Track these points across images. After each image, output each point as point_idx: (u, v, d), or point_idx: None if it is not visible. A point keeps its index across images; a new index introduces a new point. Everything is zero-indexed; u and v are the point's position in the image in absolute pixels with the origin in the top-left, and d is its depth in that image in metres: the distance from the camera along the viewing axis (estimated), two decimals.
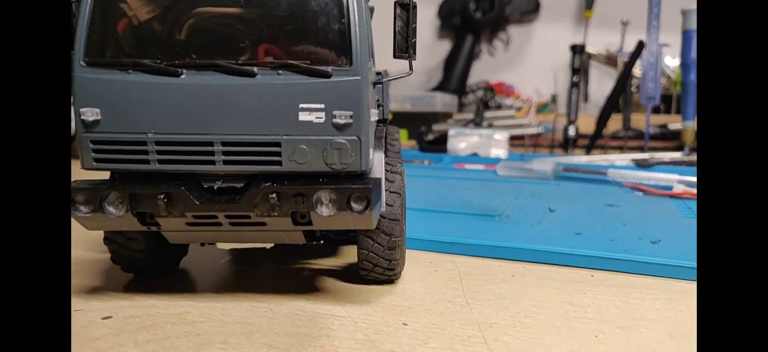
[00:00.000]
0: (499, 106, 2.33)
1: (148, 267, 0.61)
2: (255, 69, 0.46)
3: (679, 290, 0.60)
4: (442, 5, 2.49)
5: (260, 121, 0.47)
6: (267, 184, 0.47)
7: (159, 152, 0.47)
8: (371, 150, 0.50)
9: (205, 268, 0.67)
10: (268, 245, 0.73)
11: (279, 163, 0.48)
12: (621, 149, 1.64)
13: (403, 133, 2.05)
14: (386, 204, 0.57)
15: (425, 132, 1.84)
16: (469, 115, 1.97)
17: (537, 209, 0.97)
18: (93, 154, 0.48)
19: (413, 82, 2.38)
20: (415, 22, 0.55)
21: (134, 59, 0.46)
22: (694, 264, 0.63)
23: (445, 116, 2.05)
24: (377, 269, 0.59)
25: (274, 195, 0.47)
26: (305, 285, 0.60)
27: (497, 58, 2.58)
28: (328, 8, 0.47)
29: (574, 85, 1.68)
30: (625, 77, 1.48)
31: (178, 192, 0.47)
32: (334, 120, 0.47)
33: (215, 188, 0.49)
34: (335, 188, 0.47)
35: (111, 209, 0.47)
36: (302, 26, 0.48)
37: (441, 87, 2.41)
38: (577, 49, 1.65)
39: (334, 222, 0.49)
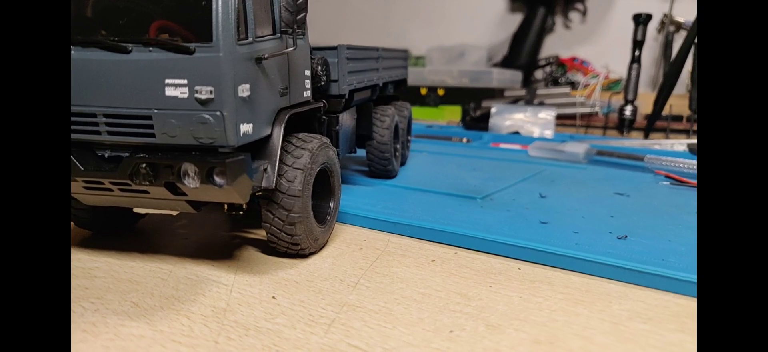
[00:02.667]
0: (571, 83, 2.17)
1: (95, 225, 0.68)
2: (129, 46, 0.49)
3: (594, 291, 0.54)
4: None
5: (134, 94, 0.50)
6: (141, 154, 0.50)
7: None
8: (243, 124, 0.51)
9: (155, 232, 0.72)
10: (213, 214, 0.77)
11: (153, 135, 0.50)
12: (687, 133, 1.45)
13: (456, 110, 2.00)
14: (287, 180, 0.58)
15: (473, 109, 1.77)
16: (521, 92, 1.86)
17: (530, 194, 0.91)
18: None
19: (476, 58, 2.30)
20: None
21: None
22: (628, 265, 0.56)
23: (501, 93, 1.95)
24: (282, 243, 0.60)
25: (145, 165, 0.50)
26: (221, 253, 0.63)
27: (573, 31, 2.39)
28: None
29: (635, 60, 1.50)
30: (686, 48, 1.28)
31: None
32: (197, 95, 0.48)
33: (105, 156, 0.53)
34: (197, 161, 0.49)
35: None
36: (177, 8, 0.49)
37: (506, 63, 2.30)
38: (641, 19, 1.48)
39: (203, 194, 0.51)
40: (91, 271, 0.57)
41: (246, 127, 0.52)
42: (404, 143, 1.12)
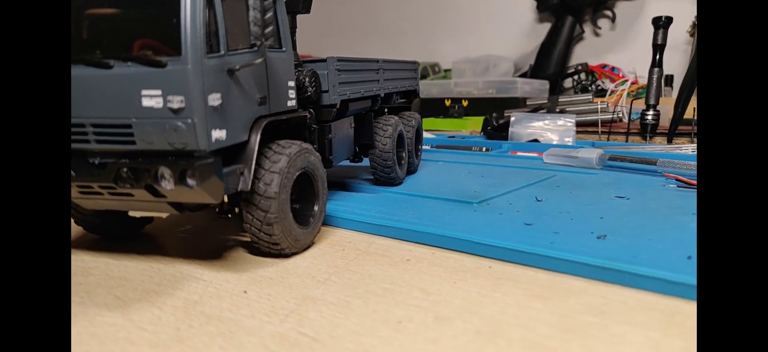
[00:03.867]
0: (602, 91, 2.13)
1: (103, 230, 0.74)
2: (111, 62, 0.54)
3: (556, 287, 0.54)
4: None
5: (116, 105, 0.55)
6: (124, 160, 0.55)
7: None
8: (214, 130, 0.55)
9: (159, 236, 0.77)
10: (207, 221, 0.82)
11: (134, 142, 0.55)
12: None
13: (479, 121, 2.00)
14: (264, 183, 0.61)
15: (495, 118, 1.77)
16: (543, 101, 1.84)
17: (528, 199, 0.91)
18: None
19: (504, 69, 2.29)
20: (271, 12, 0.58)
21: None
22: (592, 262, 0.56)
23: (525, 102, 1.94)
24: (262, 243, 0.64)
25: (126, 169, 0.55)
26: (213, 254, 0.67)
27: (603, 38, 2.35)
28: (170, 13, 0.53)
29: (656, 64, 1.46)
30: None
31: None
32: (169, 104, 0.53)
33: (96, 163, 0.58)
34: (171, 164, 0.53)
35: None
36: (153, 24, 0.54)
37: (534, 72, 2.28)
38: (661, 23, 1.44)
39: (179, 195, 0.55)
40: (89, 269, 0.62)
41: (218, 134, 0.56)
42: (412, 152, 1.14)
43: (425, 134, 1.84)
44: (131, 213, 0.75)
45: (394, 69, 1.11)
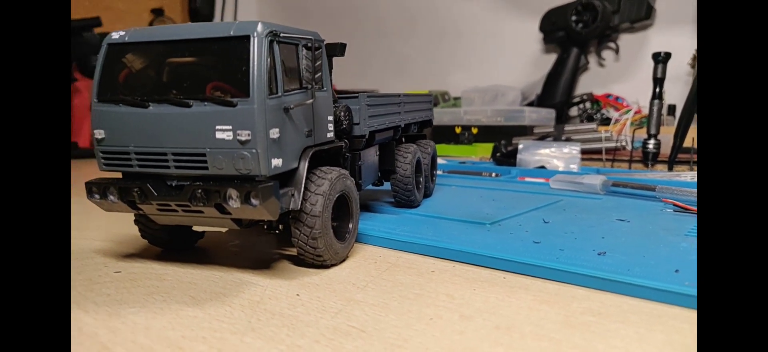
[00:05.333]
0: (607, 120, 2.24)
1: (166, 243, 0.84)
2: (190, 101, 0.66)
3: (562, 295, 0.64)
4: (544, 20, 2.46)
5: (194, 137, 0.66)
6: (198, 182, 0.66)
7: (138, 159, 0.69)
8: (273, 159, 0.66)
9: (211, 249, 0.88)
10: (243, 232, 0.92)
11: (207, 168, 0.66)
12: None
13: (489, 147, 2.10)
14: (310, 203, 0.72)
15: (504, 145, 1.88)
16: (550, 129, 1.94)
17: (536, 221, 1.01)
18: (102, 161, 0.72)
19: (511, 98, 2.41)
20: (321, 61, 0.69)
21: (122, 96, 0.69)
22: (593, 273, 0.66)
23: (532, 130, 2.05)
24: (307, 255, 0.74)
25: (200, 190, 0.65)
26: (265, 264, 0.78)
27: (607, 69, 2.46)
28: (240, 61, 0.64)
29: (656, 96, 1.57)
30: None
31: (144, 187, 0.68)
32: (238, 137, 0.64)
33: (173, 185, 0.69)
34: (238, 187, 0.64)
35: (111, 197, 0.71)
36: (225, 71, 0.66)
37: (540, 101, 2.39)
38: (660, 58, 1.55)
39: (243, 212, 0.66)
40: (161, 276, 0.73)
41: (276, 161, 0.67)
42: (428, 177, 1.24)
43: (438, 160, 1.95)
44: (195, 227, 0.85)
45: (412, 102, 1.22)
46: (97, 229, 1.02)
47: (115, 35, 0.72)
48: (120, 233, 0.97)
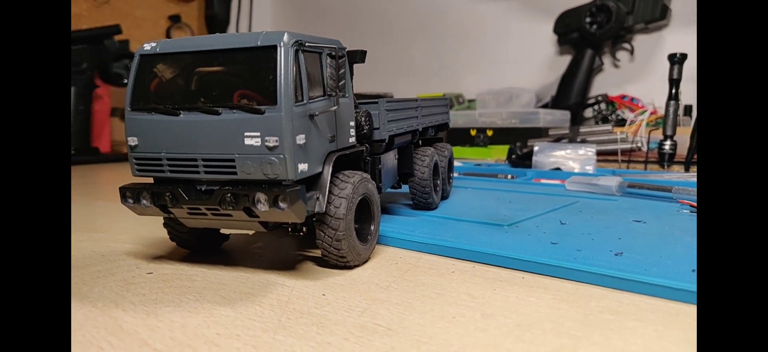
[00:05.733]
0: (622, 121, 2.24)
1: (194, 245, 0.88)
2: (219, 109, 0.69)
3: (580, 294, 0.65)
4: (558, 21, 2.47)
5: (223, 143, 0.69)
6: (227, 187, 0.69)
7: (169, 165, 0.73)
8: (300, 164, 0.68)
9: (236, 251, 0.91)
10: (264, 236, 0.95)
11: (235, 173, 0.69)
12: None
13: (504, 149, 2.11)
14: (334, 206, 0.74)
15: (519, 148, 1.89)
16: (565, 131, 1.95)
17: (553, 222, 1.03)
18: (136, 167, 0.75)
19: (525, 101, 2.42)
20: (344, 69, 0.72)
21: (154, 105, 0.72)
22: (610, 273, 0.68)
23: (547, 132, 2.06)
24: (331, 256, 0.76)
25: (229, 195, 0.68)
26: (289, 265, 0.80)
27: (622, 70, 2.46)
28: (267, 70, 0.67)
29: (672, 97, 1.57)
30: None
31: (176, 191, 0.71)
32: (266, 143, 0.67)
33: (202, 189, 0.72)
34: (266, 191, 0.67)
35: (144, 201, 0.74)
36: (252, 80, 0.69)
37: (555, 103, 2.40)
38: (676, 59, 1.55)
39: (271, 215, 0.69)
40: (191, 277, 0.76)
41: (302, 166, 0.69)
42: (445, 179, 1.26)
43: (454, 163, 1.97)
44: (223, 230, 0.88)
45: (429, 106, 1.24)
46: (125, 232, 1.05)
47: (147, 46, 0.75)
48: (148, 236, 1.00)
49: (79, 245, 0.96)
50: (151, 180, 0.77)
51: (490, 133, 2.17)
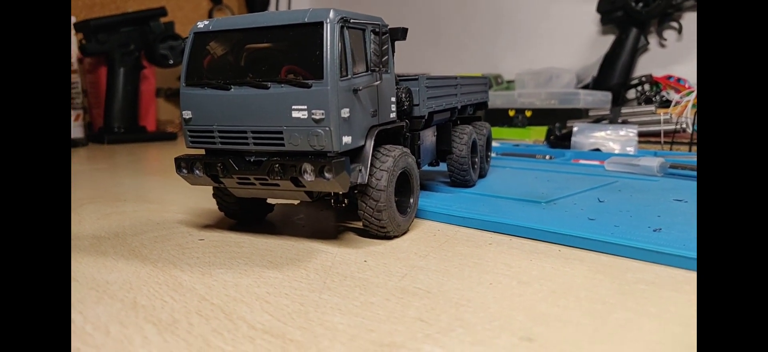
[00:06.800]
0: (666, 102, 2.18)
1: (240, 215, 0.92)
2: (268, 84, 0.72)
3: (616, 266, 0.67)
4: (601, 0, 2.41)
5: (271, 116, 0.72)
6: (275, 158, 0.73)
7: (220, 137, 0.77)
8: (344, 136, 0.72)
9: (280, 221, 0.95)
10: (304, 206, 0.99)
11: (283, 145, 0.73)
12: None
13: (542, 131, 2.10)
14: (375, 178, 0.77)
15: (558, 128, 1.88)
16: (605, 112, 1.92)
17: (591, 200, 1.03)
18: (189, 139, 0.80)
19: (566, 81, 2.38)
20: (387, 45, 0.74)
21: (207, 80, 0.76)
22: (656, 248, 0.68)
23: (587, 113, 2.03)
24: (372, 226, 0.80)
25: (277, 165, 0.72)
26: (331, 235, 0.84)
27: (669, 49, 2.39)
28: (314, 46, 0.70)
29: None
30: None
31: (226, 162, 0.76)
32: (313, 116, 0.70)
33: (251, 160, 0.76)
34: (313, 162, 0.70)
35: (197, 171, 0.79)
36: (299, 56, 0.72)
37: (597, 84, 2.35)
38: None
39: (317, 185, 0.72)
40: (240, 243, 0.80)
41: (346, 139, 0.72)
42: (483, 158, 1.28)
43: (492, 143, 1.97)
44: (270, 200, 0.93)
45: (468, 84, 1.25)
46: (175, 203, 1.11)
47: (200, 24, 0.79)
48: (197, 207, 1.06)
49: (136, 215, 1.02)
50: (202, 152, 0.82)
51: (528, 114, 2.16)
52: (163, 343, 0.49)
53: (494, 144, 1.96)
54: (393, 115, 0.86)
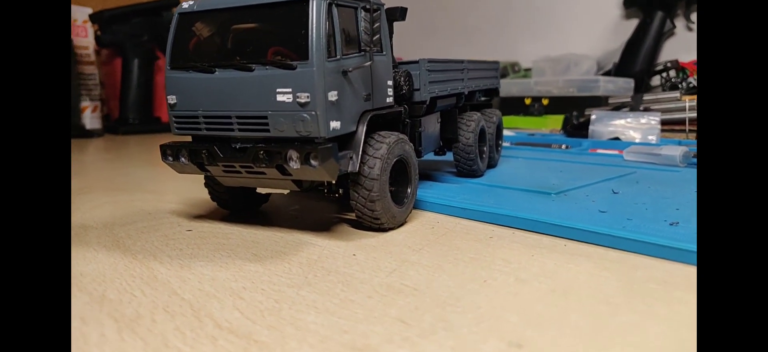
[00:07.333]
0: (693, 88, 2.08)
1: (233, 206, 0.89)
2: (252, 66, 0.68)
3: (625, 262, 0.61)
4: None
5: (256, 101, 0.68)
6: (260, 144, 0.69)
7: (206, 123, 0.73)
8: (332, 121, 0.67)
9: (274, 212, 0.91)
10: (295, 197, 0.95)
11: (268, 130, 0.69)
12: None
13: (560, 119, 2.02)
14: (368, 166, 0.73)
15: (576, 117, 1.80)
16: (626, 99, 1.83)
17: (605, 192, 0.97)
18: (175, 124, 0.76)
19: (585, 68, 2.29)
20: (379, 23, 0.69)
21: (192, 63, 0.73)
22: (670, 243, 0.62)
23: (607, 101, 1.94)
24: (365, 218, 0.75)
25: (262, 152, 0.68)
26: (324, 227, 0.80)
27: (696, 33, 2.27)
28: (299, 25, 0.66)
29: None
30: None
31: (211, 149, 0.72)
32: (297, 99, 0.66)
33: (237, 147, 0.72)
34: (298, 148, 0.66)
35: (182, 159, 0.75)
36: (285, 36, 0.68)
37: (619, 70, 2.25)
38: None
39: (303, 173, 0.68)
40: (227, 234, 0.77)
41: (335, 124, 0.68)
42: (492, 147, 1.22)
43: (506, 132, 1.90)
44: (259, 190, 0.89)
45: (477, 69, 1.19)
46: (172, 192, 1.09)
47: (185, 5, 0.75)
48: (192, 197, 1.03)
49: (130, 204, 0.99)
50: (190, 138, 0.78)
51: (545, 102, 2.08)
52: (120, 342, 0.45)
53: (508, 133, 1.89)
54: (390, 99, 0.82)
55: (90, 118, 2.66)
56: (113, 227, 0.83)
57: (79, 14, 2.73)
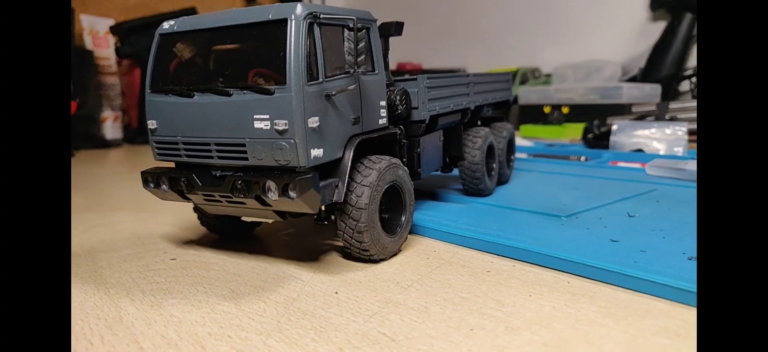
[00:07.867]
0: None
1: (221, 232, 0.85)
2: (230, 90, 0.64)
3: (634, 307, 0.55)
4: None
5: (234, 127, 0.64)
6: (239, 173, 0.65)
7: (185, 149, 0.70)
8: (313, 149, 0.62)
9: (266, 237, 0.87)
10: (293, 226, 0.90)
11: (247, 158, 0.64)
12: None
13: (580, 128, 1.94)
14: (355, 195, 0.68)
15: (597, 126, 1.72)
16: (651, 108, 1.73)
17: (620, 214, 0.90)
18: (156, 151, 0.73)
19: (609, 74, 2.20)
20: (364, 42, 0.65)
21: (171, 87, 0.69)
22: (677, 284, 0.56)
23: (631, 109, 1.85)
24: (353, 249, 0.70)
25: (240, 182, 0.64)
26: (310, 255, 0.75)
27: None
28: (277, 46, 0.61)
29: None
30: None
31: (190, 177, 0.68)
32: (275, 127, 0.61)
33: (217, 175, 0.69)
34: (276, 178, 0.62)
35: (163, 186, 0.72)
36: (265, 58, 0.63)
37: (644, 76, 2.15)
38: None
39: (282, 205, 0.64)
40: (210, 264, 0.73)
41: (316, 152, 0.63)
42: (503, 163, 1.16)
43: (523, 142, 1.83)
44: (244, 218, 0.85)
45: (485, 82, 1.13)
46: (169, 212, 1.06)
47: (166, 25, 0.72)
48: (188, 218, 1.00)
49: (122, 226, 0.97)
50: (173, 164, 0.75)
51: (565, 110, 2.00)
52: None
53: (526, 144, 1.82)
54: (383, 121, 0.77)
55: (111, 128, 2.69)
56: (97, 255, 0.80)
57: (101, 26, 2.77)
